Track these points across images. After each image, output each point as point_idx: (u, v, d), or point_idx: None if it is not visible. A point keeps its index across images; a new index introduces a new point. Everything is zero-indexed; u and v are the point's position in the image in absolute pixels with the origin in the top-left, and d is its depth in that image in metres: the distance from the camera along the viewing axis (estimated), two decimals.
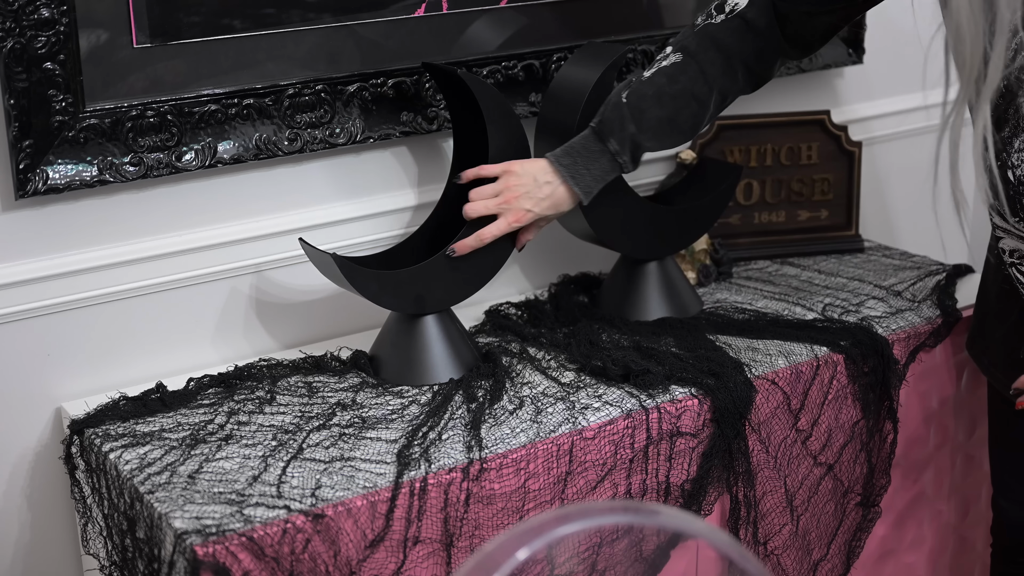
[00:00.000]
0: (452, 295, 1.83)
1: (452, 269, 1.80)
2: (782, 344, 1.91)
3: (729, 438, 1.79)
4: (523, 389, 1.78)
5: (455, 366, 1.81)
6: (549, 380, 1.81)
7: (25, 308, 1.76)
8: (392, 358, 1.82)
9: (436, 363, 1.80)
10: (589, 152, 1.79)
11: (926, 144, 2.60)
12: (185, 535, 1.46)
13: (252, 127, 1.85)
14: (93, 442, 1.67)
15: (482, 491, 1.61)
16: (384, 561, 1.57)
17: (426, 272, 1.79)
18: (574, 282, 2.12)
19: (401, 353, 1.82)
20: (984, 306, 1.89)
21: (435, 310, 1.81)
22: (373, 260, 1.87)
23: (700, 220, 2.04)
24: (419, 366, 1.80)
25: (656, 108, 1.79)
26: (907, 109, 2.53)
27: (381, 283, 1.77)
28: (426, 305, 1.80)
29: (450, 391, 1.77)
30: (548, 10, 2.06)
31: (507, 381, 1.80)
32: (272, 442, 1.65)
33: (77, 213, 1.78)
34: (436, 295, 1.81)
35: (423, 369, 1.80)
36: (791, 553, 1.91)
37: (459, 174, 1.82)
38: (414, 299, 1.79)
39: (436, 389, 1.78)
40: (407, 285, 1.78)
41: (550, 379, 1.81)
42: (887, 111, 2.51)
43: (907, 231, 2.63)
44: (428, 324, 1.81)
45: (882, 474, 1.97)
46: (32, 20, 1.65)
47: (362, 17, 1.90)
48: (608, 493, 1.72)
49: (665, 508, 1.22)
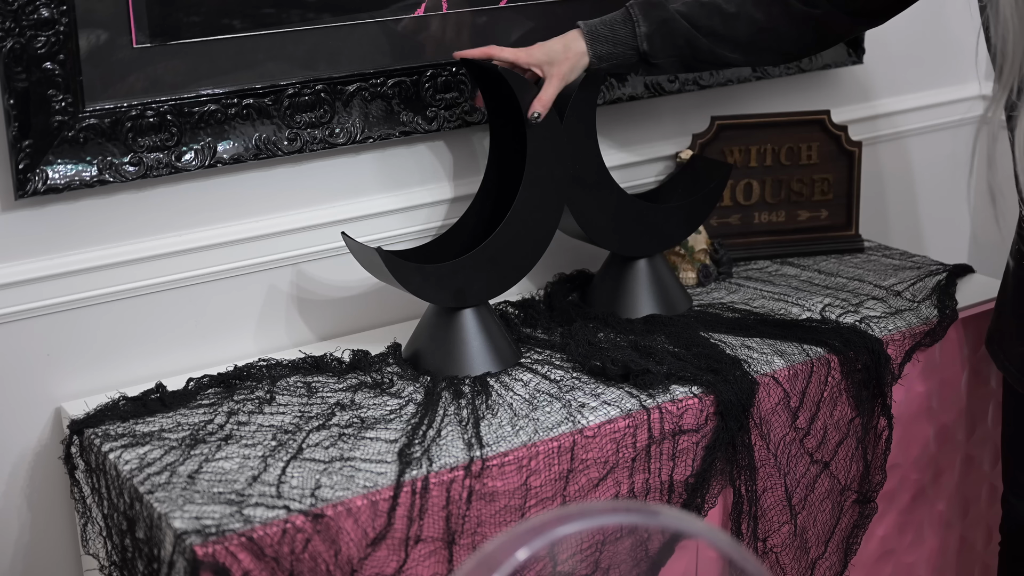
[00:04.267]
0: (491, 288, 1.85)
1: (492, 262, 1.83)
2: (776, 343, 1.91)
3: (733, 431, 1.79)
4: (519, 388, 1.79)
5: (493, 359, 1.83)
6: (545, 379, 1.81)
7: (25, 308, 1.76)
8: (430, 351, 1.84)
9: (474, 356, 1.82)
10: (613, 20, 1.87)
11: (926, 144, 2.61)
12: (185, 535, 1.46)
13: (252, 127, 1.85)
14: (93, 442, 1.67)
15: (484, 488, 1.61)
16: (386, 559, 1.57)
17: (468, 265, 1.81)
18: (569, 280, 2.13)
19: (440, 346, 1.83)
20: (1003, 302, 1.89)
21: (474, 303, 1.84)
22: (411, 254, 1.90)
23: (689, 218, 2.05)
24: (458, 359, 1.82)
25: (683, 6, 1.87)
26: (907, 109, 2.53)
27: (424, 276, 1.79)
28: (466, 298, 1.83)
29: (439, 389, 1.78)
30: (548, 10, 2.06)
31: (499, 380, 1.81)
32: (272, 442, 1.65)
33: (77, 213, 1.78)
34: (475, 288, 1.83)
35: (462, 362, 1.82)
36: (789, 551, 1.91)
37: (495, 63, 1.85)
38: (455, 292, 1.81)
39: (427, 387, 1.79)
40: (448, 279, 1.80)
41: (546, 379, 1.81)
42: (887, 111, 2.51)
43: (907, 231, 2.63)
44: (466, 317, 1.83)
45: (878, 471, 1.97)
46: (32, 20, 1.65)
47: (362, 17, 1.90)
48: (611, 491, 1.72)
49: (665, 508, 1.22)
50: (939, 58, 2.56)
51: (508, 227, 1.83)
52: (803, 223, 2.29)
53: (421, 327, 1.88)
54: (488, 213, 1.94)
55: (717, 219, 2.25)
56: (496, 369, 1.83)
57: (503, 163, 1.93)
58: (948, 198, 2.67)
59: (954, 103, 2.58)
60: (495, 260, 1.83)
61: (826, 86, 2.45)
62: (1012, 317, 1.84)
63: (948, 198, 2.67)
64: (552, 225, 1.88)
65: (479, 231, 1.92)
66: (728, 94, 2.32)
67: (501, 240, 1.83)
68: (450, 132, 2.02)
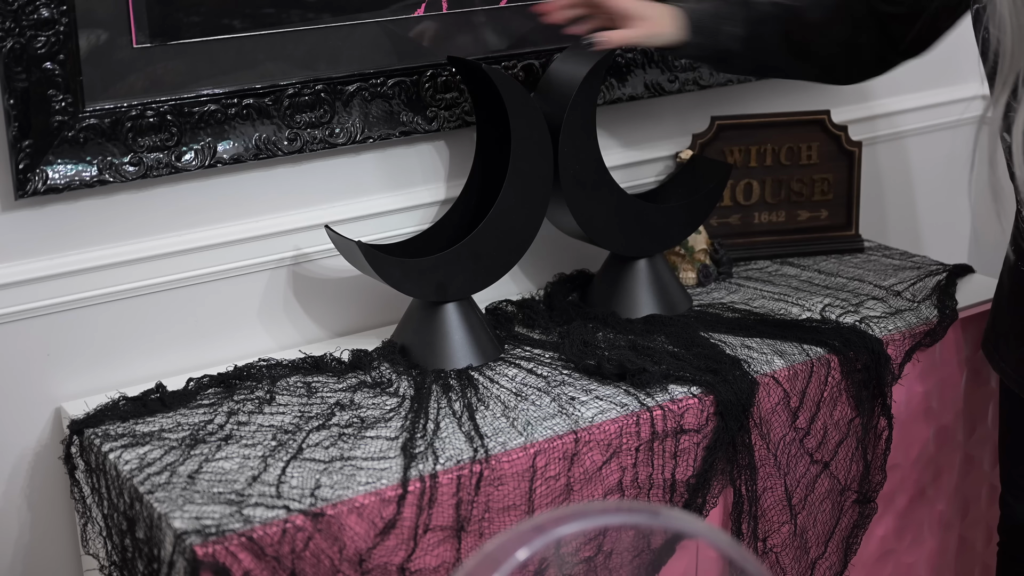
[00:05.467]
0: (473, 283, 1.87)
1: (475, 257, 1.84)
2: (776, 343, 1.91)
3: (733, 431, 1.79)
4: (504, 382, 1.80)
5: (475, 353, 1.85)
6: (531, 374, 1.82)
7: (25, 308, 1.76)
8: (414, 344, 1.86)
9: (456, 350, 1.84)
10: (718, 13, 1.89)
11: (926, 144, 2.61)
12: (185, 535, 1.46)
13: (252, 127, 1.85)
14: (93, 442, 1.67)
15: (493, 474, 1.62)
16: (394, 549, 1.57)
17: (448, 260, 1.82)
18: (569, 280, 2.13)
19: (422, 339, 1.85)
20: (999, 304, 1.89)
21: (456, 298, 1.85)
22: (397, 248, 1.90)
23: (689, 218, 2.05)
24: (440, 352, 1.84)
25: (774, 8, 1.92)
26: (906, 109, 2.53)
27: (404, 270, 1.81)
28: (448, 293, 1.83)
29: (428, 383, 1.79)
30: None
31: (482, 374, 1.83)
32: (272, 442, 1.65)
33: (77, 213, 1.78)
34: (457, 283, 1.84)
35: (444, 355, 1.84)
36: (789, 551, 1.91)
37: None
38: (436, 287, 1.82)
39: (417, 382, 1.80)
40: (430, 273, 1.82)
41: (532, 374, 1.82)
42: (887, 111, 2.51)
43: (907, 231, 2.63)
44: (449, 312, 1.84)
45: (878, 471, 1.97)
46: (32, 20, 1.65)
47: (362, 17, 1.90)
48: (615, 475, 1.72)
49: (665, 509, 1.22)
50: (939, 58, 2.55)
51: (491, 222, 1.84)
52: (803, 223, 2.29)
53: (405, 320, 1.90)
54: (473, 209, 1.95)
55: (717, 219, 2.25)
56: (477, 363, 1.84)
57: (488, 160, 1.94)
58: (948, 198, 2.67)
59: (953, 103, 2.58)
60: (478, 255, 1.84)
61: (826, 86, 2.44)
62: (1009, 318, 1.84)
63: (948, 198, 2.67)
64: (536, 221, 1.89)
65: (464, 226, 1.93)
66: (728, 94, 2.31)
67: (484, 235, 1.84)
68: (450, 132, 2.02)
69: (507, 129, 1.85)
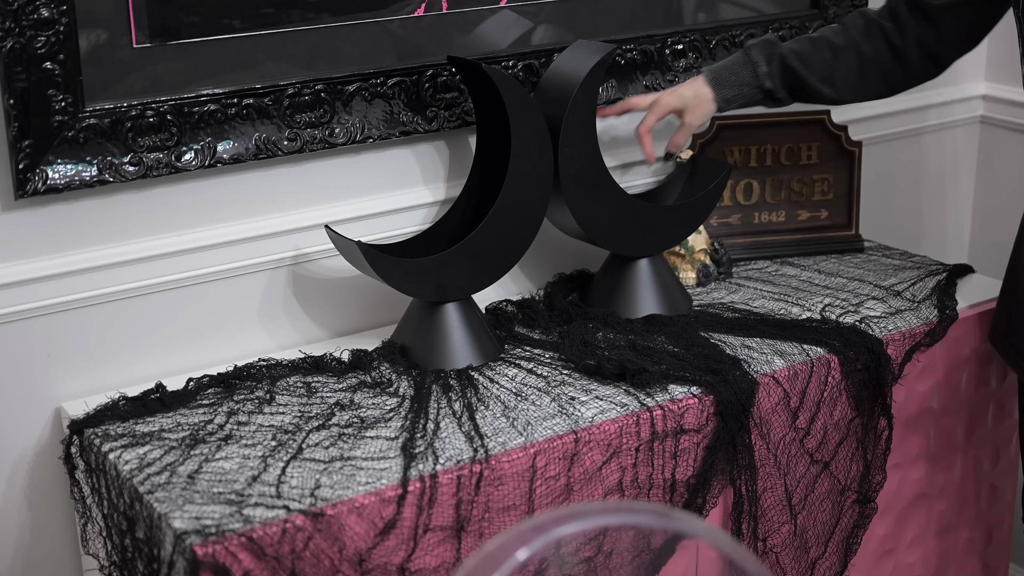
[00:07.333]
0: (472, 284, 1.87)
1: (475, 257, 1.84)
2: (776, 343, 1.91)
3: (733, 431, 1.79)
4: (505, 382, 1.80)
5: (475, 353, 1.85)
6: (531, 375, 1.82)
7: (25, 308, 1.76)
8: (414, 344, 1.86)
9: (456, 350, 1.84)
10: (734, 63, 2.03)
11: (926, 144, 2.61)
12: (185, 535, 1.46)
13: (252, 127, 1.85)
14: (93, 442, 1.67)
15: (493, 474, 1.62)
16: (394, 549, 1.57)
17: (448, 260, 1.82)
18: (569, 280, 2.13)
19: (422, 339, 1.85)
20: (1010, 298, 1.88)
21: (456, 298, 1.85)
22: (397, 248, 1.90)
23: (689, 218, 2.05)
24: (440, 352, 1.84)
25: (795, 43, 2.04)
26: (906, 109, 2.53)
27: (404, 270, 1.81)
28: (447, 293, 1.83)
29: (428, 383, 1.79)
30: (549, 10, 2.06)
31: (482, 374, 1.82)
32: (271, 442, 1.65)
33: (77, 213, 1.78)
34: (457, 283, 1.84)
35: (444, 355, 1.84)
36: (789, 551, 1.91)
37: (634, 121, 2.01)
38: (436, 287, 1.82)
39: (417, 382, 1.80)
40: (430, 273, 1.82)
41: (532, 374, 1.82)
42: (887, 111, 2.50)
43: (907, 231, 2.63)
44: (449, 312, 1.85)
45: (878, 471, 1.97)
46: (32, 20, 1.65)
47: (362, 17, 1.90)
48: (615, 475, 1.72)
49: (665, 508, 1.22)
50: None
51: (491, 222, 1.84)
52: (803, 223, 2.29)
53: (405, 320, 1.90)
54: (473, 209, 1.95)
55: (717, 219, 2.25)
56: (477, 363, 1.84)
57: (488, 160, 1.94)
58: (948, 198, 2.67)
59: (954, 103, 2.58)
60: (478, 255, 1.85)
61: None
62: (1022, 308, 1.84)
63: (948, 198, 2.67)
64: (536, 221, 1.89)
65: (464, 226, 1.93)
66: None
67: (484, 235, 1.84)
68: (450, 132, 2.02)
69: (507, 129, 1.85)
